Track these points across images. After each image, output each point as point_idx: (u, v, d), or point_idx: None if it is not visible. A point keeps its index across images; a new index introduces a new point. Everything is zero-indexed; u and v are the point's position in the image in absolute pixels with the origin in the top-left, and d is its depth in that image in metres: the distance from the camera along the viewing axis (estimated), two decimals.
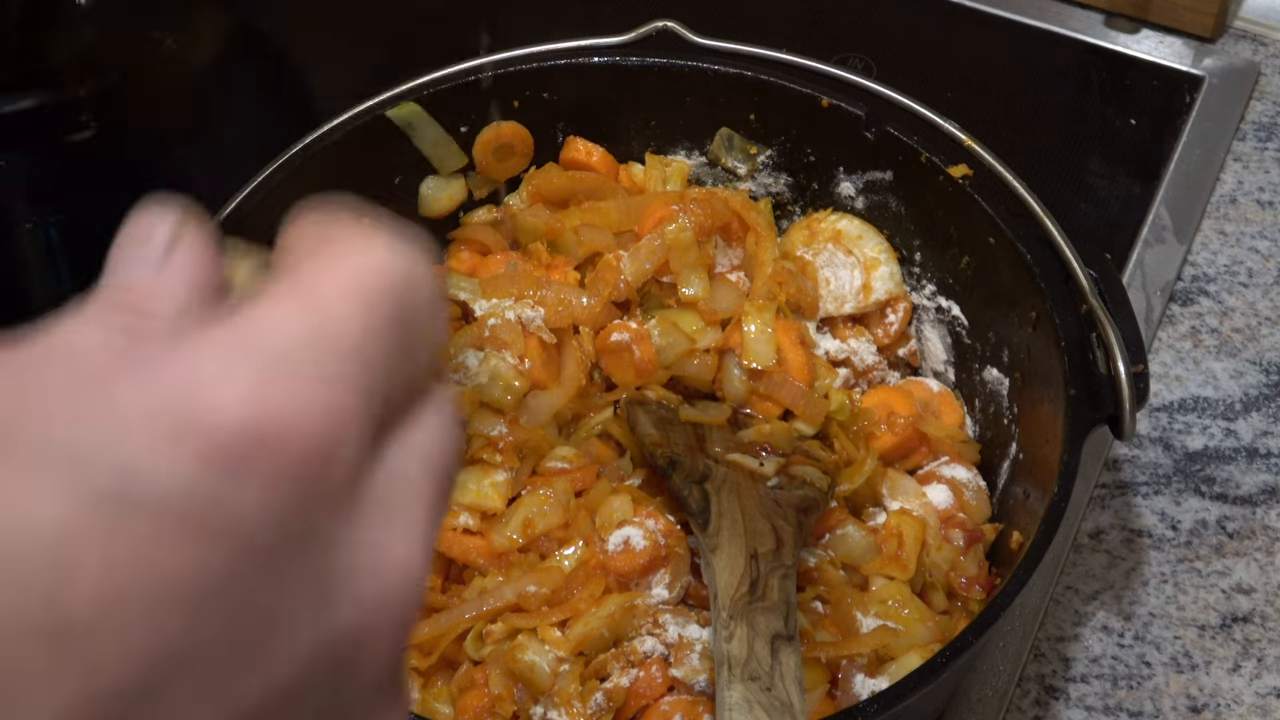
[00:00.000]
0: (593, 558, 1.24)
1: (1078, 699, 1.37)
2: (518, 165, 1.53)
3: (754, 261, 1.43)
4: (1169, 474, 1.53)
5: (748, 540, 1.19)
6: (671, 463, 1.28)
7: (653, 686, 1.19)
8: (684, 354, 1.37)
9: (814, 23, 1.99)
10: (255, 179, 1.37)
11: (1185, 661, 1.40)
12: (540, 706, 1.18)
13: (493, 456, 1.29)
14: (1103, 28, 1.95)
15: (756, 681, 1.06)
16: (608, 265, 1.39)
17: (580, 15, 1.95)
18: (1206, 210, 1.77)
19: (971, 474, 1.38)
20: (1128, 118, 1.86)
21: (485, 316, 1.35)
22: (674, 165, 1.54)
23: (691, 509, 1.24)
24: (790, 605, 1.14)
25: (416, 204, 1.52)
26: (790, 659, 1.09)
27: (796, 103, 1.48)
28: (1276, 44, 1.95)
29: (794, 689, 1.07)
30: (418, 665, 1.21)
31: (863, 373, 1.46)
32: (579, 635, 1.19)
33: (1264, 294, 1.69)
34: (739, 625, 1.11)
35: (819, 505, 1.28)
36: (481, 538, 1.26)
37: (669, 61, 1.49)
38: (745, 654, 1.08)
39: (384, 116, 1.44)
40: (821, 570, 1.28)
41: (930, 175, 1.42)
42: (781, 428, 1.36)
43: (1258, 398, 1.59)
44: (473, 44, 1.49)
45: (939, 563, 1.30)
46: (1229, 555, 1.47)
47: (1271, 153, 1.83)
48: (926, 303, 1.50)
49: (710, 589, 1.17)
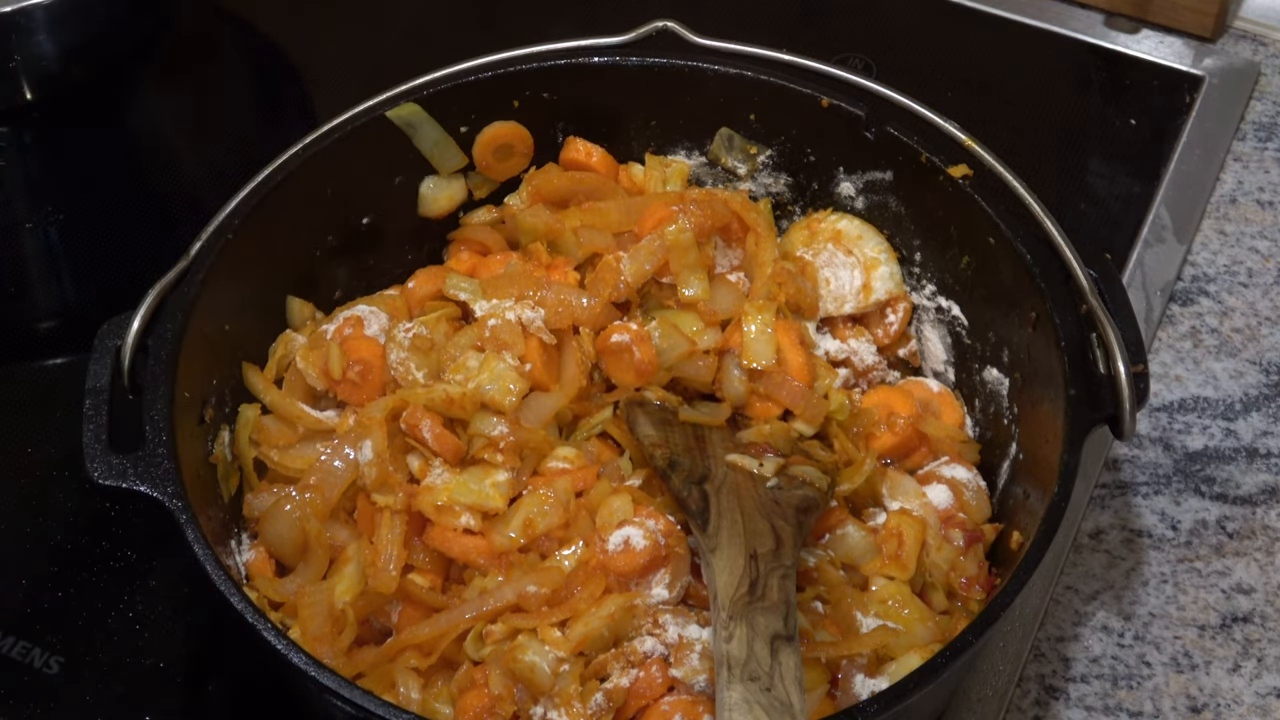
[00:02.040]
0: (593, 558, 1.24)
1: (1078, 699, 1.38)
2: (518, 165, 1.53)
3: (754, 262, 1.43)
4: (1169, 474, 1.53)
5: (747, 540, 1.19)
6: (671, 464, 1.28)
7: (653, 686, 1.19)
8: (684, 355, 1.37)
9: (814, 23, 1.99)
10: (255, 179, 1.37)
11: (1185, 661, 1.40)
12: (540, 707, 1.18)
13: (494, 457, 1.29)
14: (1103, 28, 1.95)
15: (756, 682, 1.07)
16: (608, 266, 1.39)
17: (580, 15, 1.95)
18: (1206, 210, 1.77)
19: (971, 474, 1.38)
20: (1128, 118, 1.86)
21: (485, 317, 1.35)
22: (674, 166, 1.54)
23: (691, 510, 1.24)
24: (790, 605, 1.14)
25: (416, 204, 1.52)
26: (790, 659, 1.09)
27: (796, 103, 1.48)
28: (1276, 44, 1.95)
29: (794, 689, 1.07)
30: (418, 665, 1.22)
31: (863, 373, 1.46)
32: (579, 635, 1.19)
33: (1264, 294, 1.69)
34: (739, 626, 1.11)
35: (819, 505, 1.28)
36: (482, 538, 1.26)
37: (669, 61, 1.50)
38: (745, 654, 1.08)
39: (384, 116, 1.44)
40: (821, 570, 1.28)
41: (930, 175, 1.42)
42: (781, 428, 1.36)
43: (1258, 398, 1.60)
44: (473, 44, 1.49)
45: (939, 563, 1.30)
46: (1229, 555, 1.47)
47: (1271, 153, 1.83)
48: (926, 303, 1.50)
49: (710, 589, 1.17)
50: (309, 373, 1.37)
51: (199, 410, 1.30)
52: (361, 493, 1.29)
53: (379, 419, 1.29)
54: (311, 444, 1.34)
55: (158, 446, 1.19)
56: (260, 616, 1.11)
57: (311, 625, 1.22)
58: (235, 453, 1.35)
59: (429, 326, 1.36)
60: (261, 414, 1.37)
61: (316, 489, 1.28)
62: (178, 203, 1.81)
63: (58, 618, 1.40)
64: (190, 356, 1.26)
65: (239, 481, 1.35)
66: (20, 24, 1.73)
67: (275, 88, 1.99)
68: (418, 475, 1.30)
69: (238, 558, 1.32)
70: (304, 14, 2.04)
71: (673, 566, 1.24)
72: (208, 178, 1.89)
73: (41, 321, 1.74)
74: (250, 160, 1.40)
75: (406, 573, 1.27)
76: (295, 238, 1.43)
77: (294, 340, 1.41)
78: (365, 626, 1.27)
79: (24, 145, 1.87)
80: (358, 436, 1.29)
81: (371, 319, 1.40)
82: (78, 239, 1.77)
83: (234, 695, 1.38)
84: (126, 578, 1.43)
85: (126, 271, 1.68)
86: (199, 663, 1.39)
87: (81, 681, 1.36)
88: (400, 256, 1.53)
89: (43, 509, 1.49)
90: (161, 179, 1.87)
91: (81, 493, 1.49)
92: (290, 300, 1.44)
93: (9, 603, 1.41)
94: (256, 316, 1.41)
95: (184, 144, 1.94)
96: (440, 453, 1.29)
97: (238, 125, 1.92)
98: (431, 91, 1.46)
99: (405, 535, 1.27)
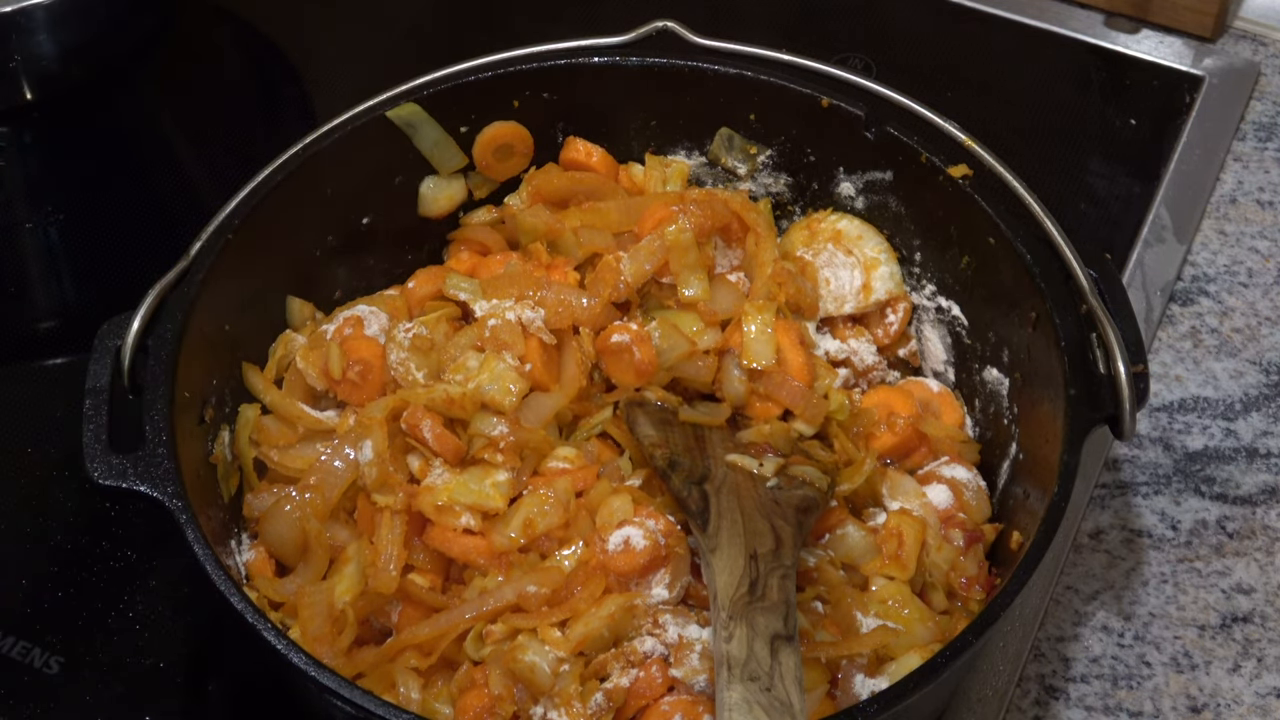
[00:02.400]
0: (593, 558, 1.24)
1: (1078, 699, 1.38)
2: (518, 165, 1.53)
3: (754, 262, 1.43)
4: (1169, 474, 1.53)
5: (747, 540, 1.19)
6: (671, 464, 1.28)
7: (653, 686, 1.19)
8: (684, 356, 1.37)
9: (814, 23, 1.99)
10: (255, 179, 1.37)
11: (1185, 661, 1.40)
12: (540, 707, 1.18)
13: (494, 457, 1.29)
14: (1103, 28, 1.95)
15: (756, 682, 1.07)
16: (608, 266, 1.39)
17: (580, 15, 1.95)
18: (1206, 210, 1.77)
19: (971, 474, 1.38)
20: (1128, 118, 1.86)
21: (485, 317, 1.35)
22: (674, 166, 1.54)
23: (691, 509, 1.24)
24: (790, 605, 1.14)
25: (416, 204, 1.52)
26: (790, 659, 1.09)
27: (796, 103, 1.48)
28: (1276, 44, 1.95)
29: (794, 689, 1.07)
30: (418, 665, 1.21)
31: (863, 373, 1.46)
32: (579, 635, 1.19)
33: (1264, 294, 1.69)
34: (739, 625, 1.11)
35: (819, 505, 1.28)
36: (482, 538, 1.26)
37: (669, 61, 1.49)
38: (745, 654, 1.08)
39: (384, 116, 1.44)
40: (821, 570, 1.28)
41: (930, 175, 1.42)
42: (781, 428, 1.36)
43: (1258, 398, 1.60)
44: (473, 44, 1.49)
45: (939, 563, 1.30)
46: (1229, 555, 1.47)
47: (1271, 153, 1.83)
48: (926, 303, 1.50)
49: (710, 589, 1.17)
50: (309, 373, 1.37)
51: (199, 410, 1.30)
52: (361, 493, 1.29)
53: (379, 419, 1.29)
54: (311, 444, 1.34)
55: (158, 446, 1.19)
56: (260, 616, 1.11)
57: (311, 625, 1.22)
58: (235, 453, 1.35)
59: (429, 326, 1.36)
60: (261, 414, 1.37)
61: (316, 489, 1.28)
62: (178, 203, 1.81)
63: (58, 618, 1.40)
64: (190, 356, 1.26)
65: (239, 481, 1.35)
66: (20, 24, 1.73)
67: (275, 88, 1.99)
68: (418, 475, 1.30)
69: (238, 558, 1.32)
70: (304, 14, 2.04)
71: (673, 566, 1.24)
72: (208, 178, 1.89)
73: (41, 321, 1.74)
74: (250, 160, 1.39)
75: (406, 573, 1.27)
76: (295, 238, 1.43)
77: (294, 340, 1.41)
78: (365, 626, 1.27)
79: (24, 145, 1.87)
80: (358, 436, 1.29)
81: (371, 319, 1.40)
82: (78, 239, 1.77)
83: (234, 695, 1.38)
84: (126, 578, 1.43)
85: (126, 271, 1.68)
86: (199, 663, 1.39)
87: (81, 681, 1.36)
88: (400, 256, 1.53)
89: (43, 509, 1.49)
90: (161, 179, 1.87)
91: (81, 493, 1.49)
92: (290, 300, 1.44)
93: (9, 603, 1.41)
94: (256, 316, 1.41)
95: (184, 144, 1.94)
96: (441, 453, 1.29)
97: (238, 125, 1.92)
98: (431, 91, 1.46)
99: (405, 535, 1.27)
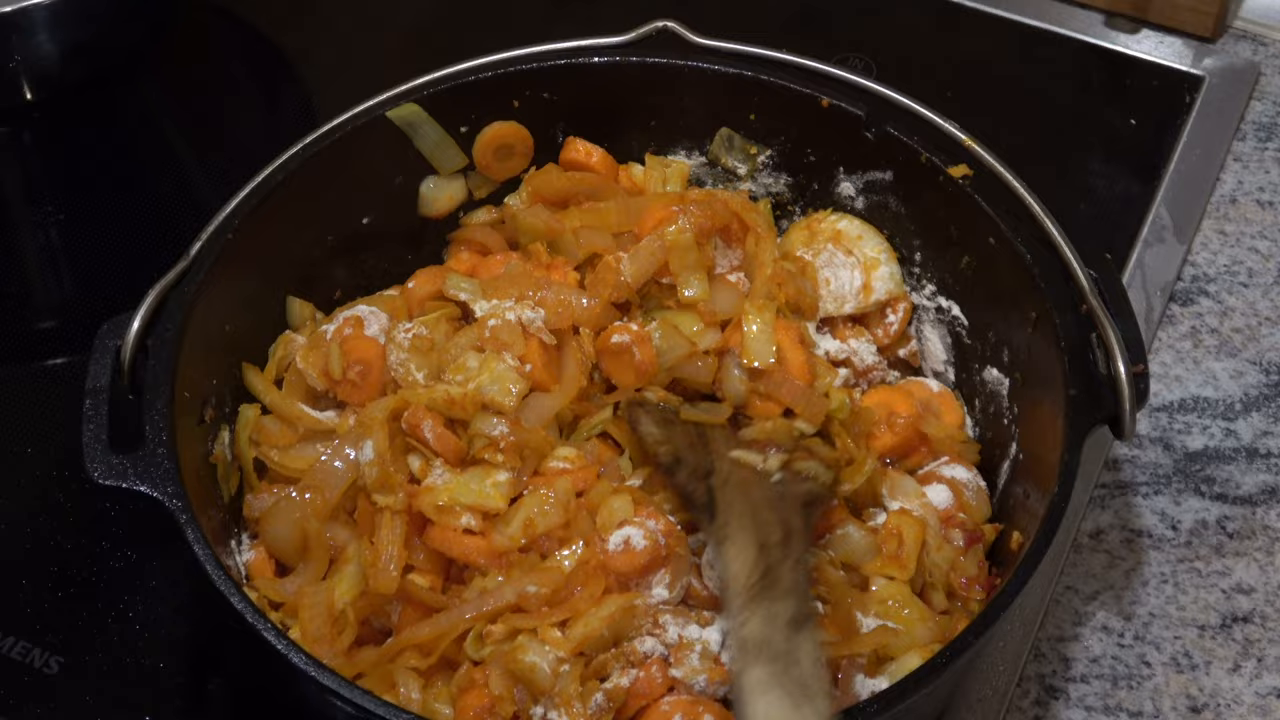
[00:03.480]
0: (593, 558, 1.24)
1: (1078, 699, 1.37)
2: (518, 165, 1.53)
3: (754, 262, 1.43)
4: (1169, 474, 1.53)
5: (756, 532, 1.20)
6: (675, 460, 1.28)
7: (653, 686, 1.19)
8: (684, 356, 1.37)
9: (814, 23, 1.98)
10: (255, 179, 1.37)
11: (1185, 661, 1.40)
12: (540, 707, 1.18)
13: (494, 457, 1.29)
14: (1103, 28, 1.95)
15: (776, 663, 1.07)
16: (608, 266, 1.39)
17: (580, 15, 1.95)
18: (1206, 210, 1.77)
19: (971, 474, 1.38)
20: (1128, 118, 1.85)
21: (485, 317, 1.35)
22: (674, 166, 1.54)
23: (697, 504, 1.24)
24: (804, 590, 1.14)
25: (416, 204, 1.52)
26: (807, 641, 1.09)
27: (796, 103, 1.48)
28: (1276, 44, 1.95)
29: (812, 669, 1.07)
30: (418, 665, 1.21)
31: (863, 373, 1.46)
32: (579, 635, 1.19)
33: (1264, 294, 1.69)
34: (754, 611, 1.11)
35: (824, 499, 1.28)
36: (482, 538, 1.26)
37: (669, 61, 1.49)
38: (762, 638, 1.08)
39: (384, 116, 1.44)
40: (821, 570, 1.28)
41: (930, 175, 1.42)
42: (783, 425, 1.35)
43: (1258, 398, 1.59)
44: (473, 44, 1.49)
45: (939, 563, 1.30)
46: (1229, 555, 1.47)
47: (1271, 153, 1.83)
48: (926, 303, 1.50)
49: (722, 579, 1.17)
50: (309, 373, 1.37)
51: (199, 410, 1.30)
52: (362, 493, 1.29)
53: (380, 419, 1.29)
54: (311, 444, 1.34)
55: (158, 446, 1.19)
56: (260, 616, 1.11)
57: (311, 625, 1.22)
58: (235, 453, 1.35)
59: (429, 327, 1.36)
60: (261, 414, 1.37)
61: (316, 489, 1.28)
62: (178, 203, 1.81)
63: (58, 618, 1.40)
64: (190, 356, 1.26)
65: (239, 481, 1.35)
66: (20, 24, 1.73)
67: (275, 88, 1.99)
68: (418, 475, 1.30)
69: (238, 558, 1.32)
70: (304, 14, 2.04)
71: (673, 567, 1.24)
72: (208, 178, 1.89)
73: (41, 321, 1.73)
74: (250, 160, 1.39)
75: (407, 573, 1.27)
76: (295, 238, 1.43)
77: (294, 340, 1.41)
78: (365, 627, 1.27)
79: (24, 145, 1.87)
80: (358, 437, 1.29)
81: (371, 319, 1.40)
82: (78, 239, 1.76)
83: (234, 695, 1.38)
84: (126, 578, 1.43)
85: (126, 271, 1.68)
86: (199, 663, 1.39)
87: (81, 681, 1.36)
88: (400, 256, 1.52)
89: (43, 509, 1.49)
90: (161, 179, 1.86)
91: (81, 493, 1.49)
92: (290, 300, 1.44)
93: (9, 603, 1.41)
94: (256, 316, 1.41)
95: (184, 144, 1.94)
96: (441, 453, 1.29)
97: (238, 125, 1.92)
98: (431, 91, 1.46)
99: (405, 535, 1.27)
